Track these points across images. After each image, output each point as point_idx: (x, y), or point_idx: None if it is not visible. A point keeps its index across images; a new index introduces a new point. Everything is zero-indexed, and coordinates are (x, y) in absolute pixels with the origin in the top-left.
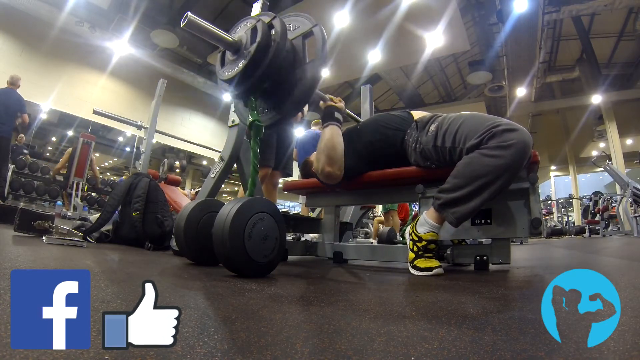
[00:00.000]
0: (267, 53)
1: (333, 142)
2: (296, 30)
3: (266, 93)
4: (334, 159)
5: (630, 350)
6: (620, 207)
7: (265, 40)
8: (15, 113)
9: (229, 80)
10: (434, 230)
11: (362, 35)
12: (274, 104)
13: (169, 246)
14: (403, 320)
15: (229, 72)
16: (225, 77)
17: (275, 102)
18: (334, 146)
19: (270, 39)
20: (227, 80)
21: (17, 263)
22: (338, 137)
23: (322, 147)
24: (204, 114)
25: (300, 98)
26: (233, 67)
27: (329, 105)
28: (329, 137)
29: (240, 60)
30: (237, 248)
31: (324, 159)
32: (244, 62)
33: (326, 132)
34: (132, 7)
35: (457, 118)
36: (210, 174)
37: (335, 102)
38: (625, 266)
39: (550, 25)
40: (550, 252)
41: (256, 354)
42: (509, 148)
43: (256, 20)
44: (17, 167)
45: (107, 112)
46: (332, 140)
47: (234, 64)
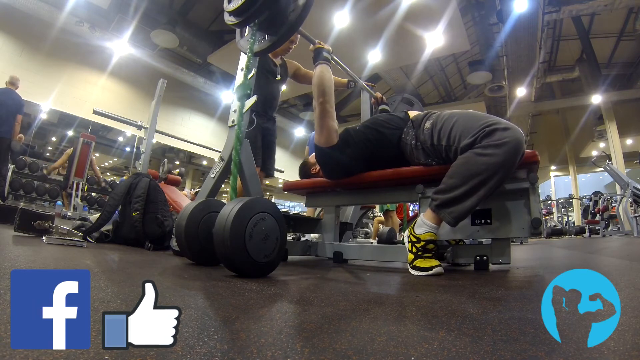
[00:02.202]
0: None
1: (323, 77)
2: None
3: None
4: (325, 91)
5: (630, 350)
6: (620, 207)
7: None
8: (15, 113)
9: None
10: (432, 231)
11: (362, 35)
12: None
13: (169, 246)
14: (403, 320)
15: (234, 5)
16: (230, 9)
17: (272, 30)
18: (324, 80)
19: None
20: (232, 11)
21: (17, 263)
22: (327, 73)
23: (314, 83)
24: (204, 114)
25: (294, 22)
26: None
27: (317, 47)
28: (319, 73)
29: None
30: (238, 248)
31: (316, 92)
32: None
33: (317, 69)
34: (132, 7)
35: (450, 116)
36: (210, 174)
37: (323, 45)
38: (625, 266)
39: (550, 25)
40: (550, 252)
41: (256, 354)
42: (502, 146)
43: None
44: (17, 167)
45: (107, 112)
46: (323, 75)
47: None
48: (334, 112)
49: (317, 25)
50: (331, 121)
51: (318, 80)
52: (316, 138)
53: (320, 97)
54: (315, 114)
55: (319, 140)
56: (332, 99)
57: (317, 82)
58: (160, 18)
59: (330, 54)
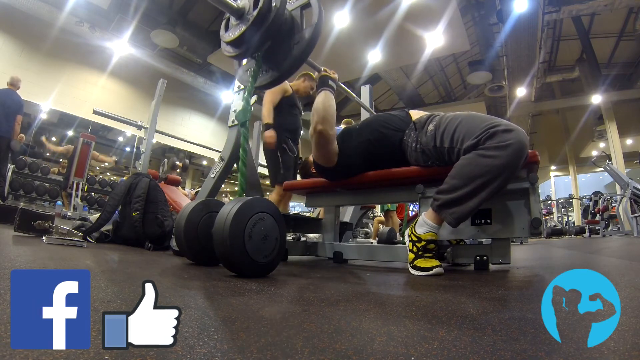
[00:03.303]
0: (268, 18)
1: (325, 104)
2: (295, 3)
3: (266, 55)
4: (326, 118)
5: (630, 350)
6: (620, 207)
7: (267, 5)
8: (15, 114)
9: (231, 41)
10: (432, 231)
11: (362, 35)
12: (273, 65)
13: (169, 246)
14: (403, 320)
15: (232, 35)
16: (228, 39)
17: (275, 63)
18: (326, 108)
19: (271, 6)
20: (230, 41)
21: (17, 263)
22: (331, 101)
23: (315, 107)
24: (204, 114)
25: (298, 56)
26: (236, 30)
27: (323, 75)
28: (322, 99)
29: (243, 24)
30: (237, 248)
31: (316, 118)
32: (246, 25)
33: (320, 95)
34: (132, 7)
35: (454, 118)
36: (210, 174)
37: (329, 73)
38: (625, 266)
39: (550, 25)
40: (550, 252)
41: (256, 354)
42: (506, 148)
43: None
44: (17, 167)
45: (107, 112)
46: (325, 102)
47: (237, 28)
48: (334, 137)
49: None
50: (331, 146)
51: (321, 106)
52: (315, 157)
53: (321, 124)
54: (313, 138)
55: (318, 160)
56: (333, 126)
57: (319, 108)
58: (160, 18)
59: (335, 82)
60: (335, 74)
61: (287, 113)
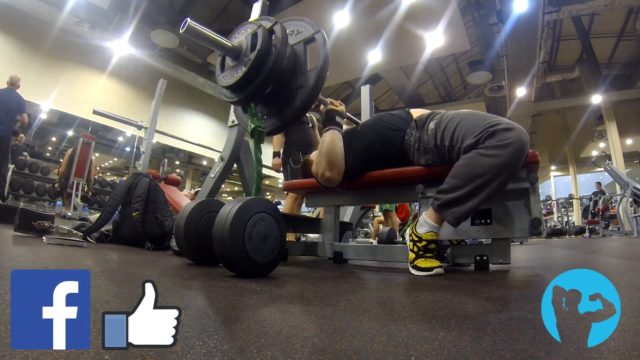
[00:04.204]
0: (268, 60)
1: (334, 147)
2: (298, 36)
3: (267, 100)
4: (334, 164)
5: (630, 350)
6: (620, 207)
7: (266, 46)
8: (15, 113)
9: (229, 87)
10: (433, 231)
11: (362, 35)
12: (274, 111)
13: (169, 246)
14: (403, 320)
15: (229, 79)
16: (225, 83)
17: (276, 108)
18: (334, 150)
19: (271, 46)
20: (227, 87)
21: (17, 263)
22: (339, 142)
23: (322, 151)
24: (204, 114)
25: (301, 106)
26: (233, 73)
27: (330, 109)
28: (329, 141)
29: (241, 67)
30: (237, 248)
31: (324, 164)
32: (244, 69)
33: (327, 136)
34: (132, 7)
35: (454, 116)
36: (210, 174)
37: (336, 106)
38: (625, 266)
39: (550, 25)
40: (550, 252)
41: (256, 354)
42: (507, 147)
43: (257, 26)
44: (17, 167)
45: (107, 112)
46: (333, 144)
47: (234, 70)
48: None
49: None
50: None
51: (328, 149)
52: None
53: (329, 170)
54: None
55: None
56: (342, 171)
57: (326, 151)
58: (160, 18)
59: (342, 116)
60: (342, 106)
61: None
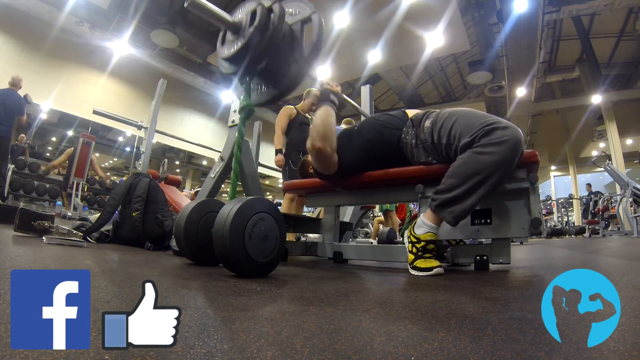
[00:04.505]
0: (265, 35)
1: (326, 120)
2: (295, 16)
3: (264, 73)
4: (326, 136)
5: (630, 350)
6: (620, 207)
7: (264, 23)
8: (15, 114)
9: (227, 58)
10: (432, 231)
11: (362, 35)
12: (271, 82)
13: (169, 246)
14: (403, 320)
15: (228, 51)
16: (224, 55)
17: (272, 80)
18: (326, 124)
19: (269, 22)
20: (226, 58)
21: (17, 263)
22: (331, 117)
23: (315, 124)
24: (204, 114)
25: (295, 76)
26: (232, 46)
27: (325, 88)
28: (321, 115)
29: (239, 40)
30: (237, 248)
31: (315, 135)
32: (242, 42)
33: (320, 110)
34: (132, 7)
35: (450, 115)
36: (210, 174)
37: (331, 86)
38: (625, 266)
39: (550, 25)
40: (550, 252)
41: (256, 354)
42: (502, 144)
43: (257, 4)
44: (17, 167)
45: (107, 112)
46: (325, 118)
47: (233, 44)
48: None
49: None
50: (331, 159)
51: (320, 122)
52: (314, 166)
53: (320, 141)
54: (313, 157)
55: (317, 169)
56: (333, 143)
57: (318, 124)
58: (160, 18)
59: (337, 96)
60: (338, 87)
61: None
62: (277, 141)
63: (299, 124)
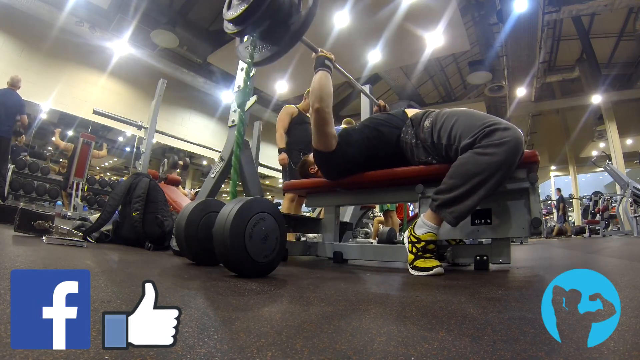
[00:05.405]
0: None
1: (321, 83)
2: None
3: (265, 34)
4: (322, 97)
5: (630, 350)
6: (620, 207)
7: None
8: (15, 114)
9: (232, 20)
10: (432, 232)
11: (362, 35)
12: (272, 42)
13: (169, 246)
14: (403, 320)
15: (233, 13)
16: (229, 17)
17: (273, 40)
18: (322, 86)
19: None
20: (232, 19)
21: (17, 263)
22: (326, 80)
23: (312, 87)
24: (204, 114)
25: (294, 34)
26: (237, 9)
27: (320, 55)
28: (318, 79)
29: (245, 3)
30: (237, 248)
31: (313, 97)
32: (246, 4)
33: (316, 75)
34: (132, 7)
35: (450, 115)
36: (210, 174)
37: (325, 54)
38: (625, 266)
39: (550, 25)
40: (550, 252)
41: (256, 354)
42: (502, 145)
43: None
44: (17, 167)
45: (107, 112)
46: (322, 81)
47: (238, 7)
48: (332, 118)
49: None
50: (329, 128)
51: (317, 85)
52: (314, 143)
53: (317, 102)
54: (312, 119)
55: (317, 145)
56: (330, 105)
57: (316, 87)
58: (160, 18)
59: (332, 62)
60: (332, 55)
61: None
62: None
63: (299, 123)
